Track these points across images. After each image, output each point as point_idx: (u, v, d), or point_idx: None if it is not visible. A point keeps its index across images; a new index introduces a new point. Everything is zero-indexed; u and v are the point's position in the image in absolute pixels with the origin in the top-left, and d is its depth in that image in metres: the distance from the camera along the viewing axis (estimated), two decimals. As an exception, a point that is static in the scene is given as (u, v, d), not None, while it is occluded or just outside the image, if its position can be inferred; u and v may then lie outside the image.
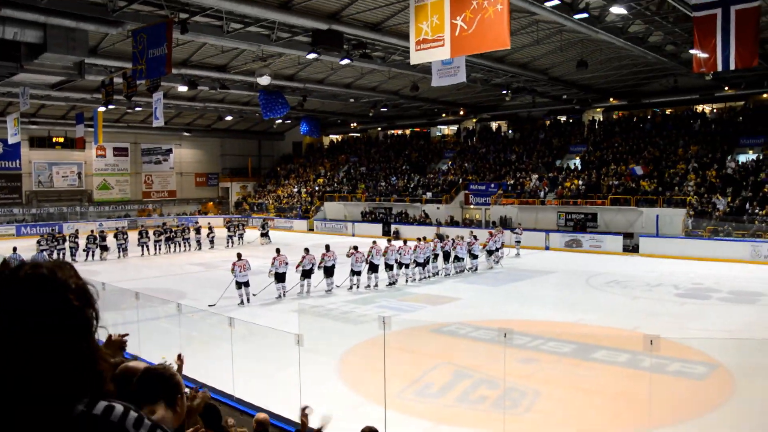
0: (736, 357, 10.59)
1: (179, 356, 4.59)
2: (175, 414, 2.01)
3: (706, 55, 13.11)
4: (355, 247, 18.07)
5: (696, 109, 33.36)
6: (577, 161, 33.50)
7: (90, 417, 1.16)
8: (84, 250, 26.24)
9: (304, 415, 4.79)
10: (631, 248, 26.36)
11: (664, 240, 25.60)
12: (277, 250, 17.40)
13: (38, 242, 25.92)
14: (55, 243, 26.36)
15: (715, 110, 33.13)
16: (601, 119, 36.60)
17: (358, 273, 18.00)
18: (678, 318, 14.35)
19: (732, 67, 12.91)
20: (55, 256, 25.71)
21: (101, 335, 1.27)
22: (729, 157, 28.03)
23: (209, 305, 15.58)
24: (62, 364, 1.14)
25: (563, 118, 38.71)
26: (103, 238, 26.94)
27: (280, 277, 16.89)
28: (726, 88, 28.95)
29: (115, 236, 27.41)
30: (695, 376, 9.98)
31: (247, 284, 16.25)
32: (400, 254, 18.98)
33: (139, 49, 16.11)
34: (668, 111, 34.24)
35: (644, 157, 30.26)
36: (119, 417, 1.18)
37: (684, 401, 9.09)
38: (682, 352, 10.57)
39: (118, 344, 2.68)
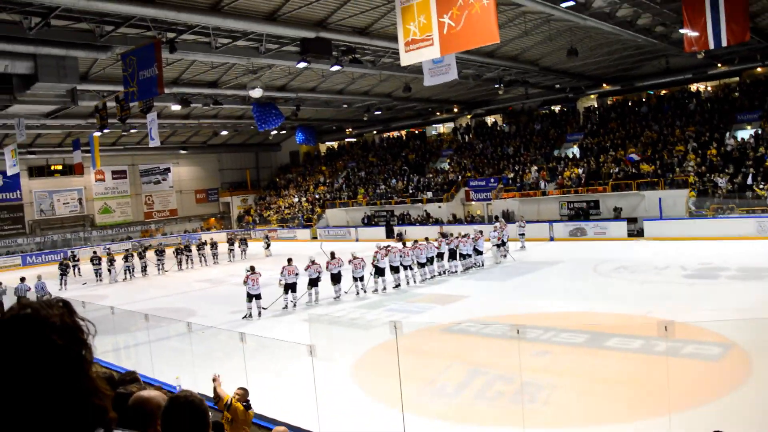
0: (750, 335, 10.48)
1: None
2: None
3: (696, 34, 13.07)
4: (353, 255, 18.10)
5: (690, 88, 33.29)
6: (576, 149, 33.41)
7: None
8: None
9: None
10: (636, 233, 26.31)
11: (669, 222, 25.54)
12: (289, 260, 17.32)
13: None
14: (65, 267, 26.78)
15: (709, 88, 33.05)
16: (596, 106, 36.55)
17: (361, 278, 17.98)
18: (688, 299, 14.26)
19: (724, 44, 12.85)
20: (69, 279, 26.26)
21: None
22: (727, 134, 27.94)
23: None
24: (57, 401, 1.15)
25: (558, 108, 38.67)
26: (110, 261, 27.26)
27: (290, 287, 16.88)
28: (719, 65, 28.85)
29: (125, 258, 27.61)
30: (711, 358, 9.91)
31: (258, 297, 16.25)
32: (401, 257, 18.92)
33: (130, 72, 16.10)
34: (662, 92, 34.18)
35: (642, 141, 30.19)
36: None
37: (701, 384, 9.03)
38: (696, 334, 10.52)
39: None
